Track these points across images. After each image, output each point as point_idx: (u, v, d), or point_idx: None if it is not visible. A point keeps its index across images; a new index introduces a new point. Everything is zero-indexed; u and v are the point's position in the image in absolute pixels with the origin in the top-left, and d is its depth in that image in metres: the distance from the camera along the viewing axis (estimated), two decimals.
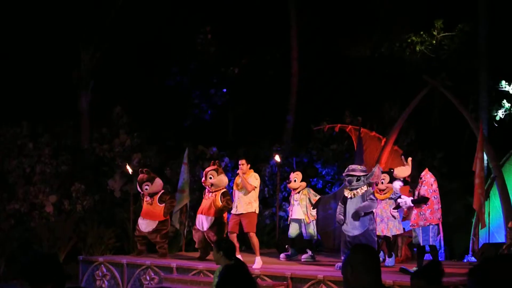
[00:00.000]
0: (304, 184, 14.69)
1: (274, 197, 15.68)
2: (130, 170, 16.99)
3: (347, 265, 4.20)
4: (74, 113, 21.05)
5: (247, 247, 14.76)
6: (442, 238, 16.31)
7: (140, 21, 21.76)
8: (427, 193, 12.14)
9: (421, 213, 12.14)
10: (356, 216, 12.34)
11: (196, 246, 14.55)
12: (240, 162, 13.65)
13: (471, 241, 15.73)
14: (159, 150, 20.80)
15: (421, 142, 20.15)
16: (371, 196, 12.53)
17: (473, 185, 14.82)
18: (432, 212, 12.13)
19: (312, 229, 14.59)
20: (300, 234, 14.58)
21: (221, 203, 14.08)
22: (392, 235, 13.76)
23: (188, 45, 22.70)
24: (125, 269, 14.26)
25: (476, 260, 14.06)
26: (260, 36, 23.34)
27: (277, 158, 16.78)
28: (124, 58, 21.96)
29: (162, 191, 15.03)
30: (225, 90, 22.50)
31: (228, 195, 14.23)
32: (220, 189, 14.27)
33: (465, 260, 15.29)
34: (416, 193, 12.26)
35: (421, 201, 12.20)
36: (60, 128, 20.79)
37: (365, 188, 12.60)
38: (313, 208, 14.53)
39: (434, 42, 21.60)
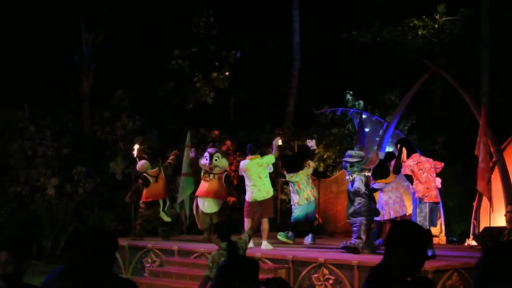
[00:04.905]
0: None
1: (275, 181, 15.62)
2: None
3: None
4: (75, 96, 21.04)
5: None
6: (443, 221, 16.40)
7: (142, 4, 21.70)
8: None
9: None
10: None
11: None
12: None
13: (472, 225, 15.74)
14: (160, 133, 20.80)
15: (422, 126, 20.15)
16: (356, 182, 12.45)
17: (474, 169, 14.84)
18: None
19: None
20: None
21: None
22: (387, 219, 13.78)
23: (190, 28, 22.64)
24: (126, 252, 14.33)
25: (476, 244, 14.09)
26: (262, 19, 23.29)
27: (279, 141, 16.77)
28: (126, 41, 21.92)
29: None
30: (226, 73, 22.44)
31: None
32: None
33: (466, 244, 15.30)
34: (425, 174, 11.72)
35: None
36: (61, 111, 20.80)
37: (356, 174, 12.55)
38: None
39: (436, 26, 21.56)
